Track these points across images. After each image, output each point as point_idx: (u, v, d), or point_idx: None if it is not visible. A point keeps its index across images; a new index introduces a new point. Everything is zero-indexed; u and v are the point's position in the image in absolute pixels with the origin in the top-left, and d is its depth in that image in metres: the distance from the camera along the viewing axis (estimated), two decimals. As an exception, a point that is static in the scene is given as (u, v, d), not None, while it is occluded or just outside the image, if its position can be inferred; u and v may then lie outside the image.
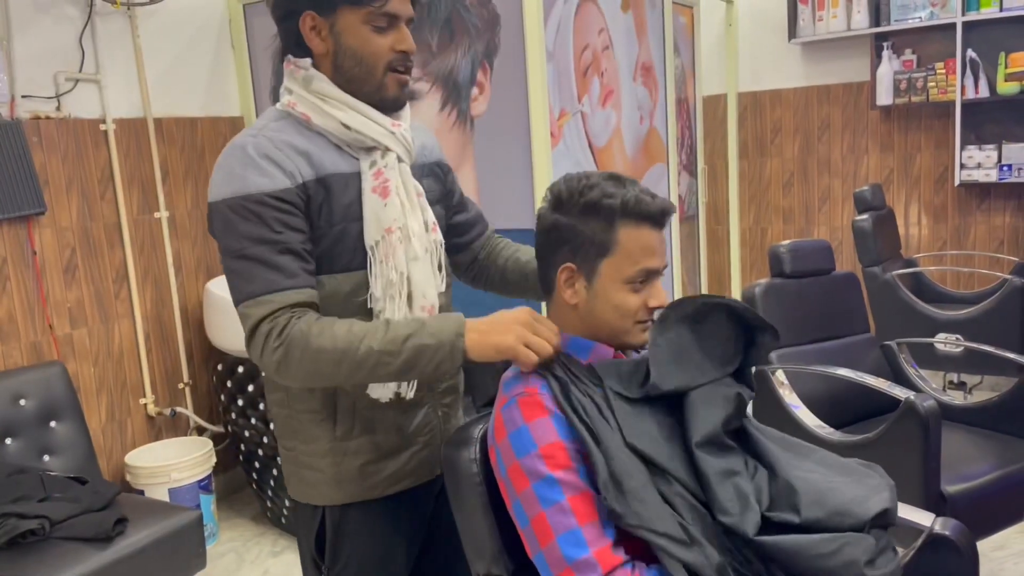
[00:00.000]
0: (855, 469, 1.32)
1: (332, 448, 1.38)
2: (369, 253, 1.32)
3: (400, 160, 1.35)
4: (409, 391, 1.38)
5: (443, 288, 1.43)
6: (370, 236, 1.32)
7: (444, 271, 1.43)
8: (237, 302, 1.26)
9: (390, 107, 1.35)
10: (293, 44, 1.34)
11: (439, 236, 1.42)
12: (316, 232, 1.29)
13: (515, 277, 1.60)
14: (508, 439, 1.20)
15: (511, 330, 1.22)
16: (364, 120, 1.31)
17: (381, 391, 1.36)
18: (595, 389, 1.23)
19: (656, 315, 1.29)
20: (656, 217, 1.25)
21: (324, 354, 1.21)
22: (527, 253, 1.61)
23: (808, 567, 1.14)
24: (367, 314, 1.34)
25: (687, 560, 1.10)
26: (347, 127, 1.30)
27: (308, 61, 1.32)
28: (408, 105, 1.41)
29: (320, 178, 1.29)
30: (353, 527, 1.41)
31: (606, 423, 1.19)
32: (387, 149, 1.33)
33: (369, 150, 1.33)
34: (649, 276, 1.26)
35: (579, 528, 1.13)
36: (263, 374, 1.45)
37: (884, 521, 1.21)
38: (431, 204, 1.44)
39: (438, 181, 1.51)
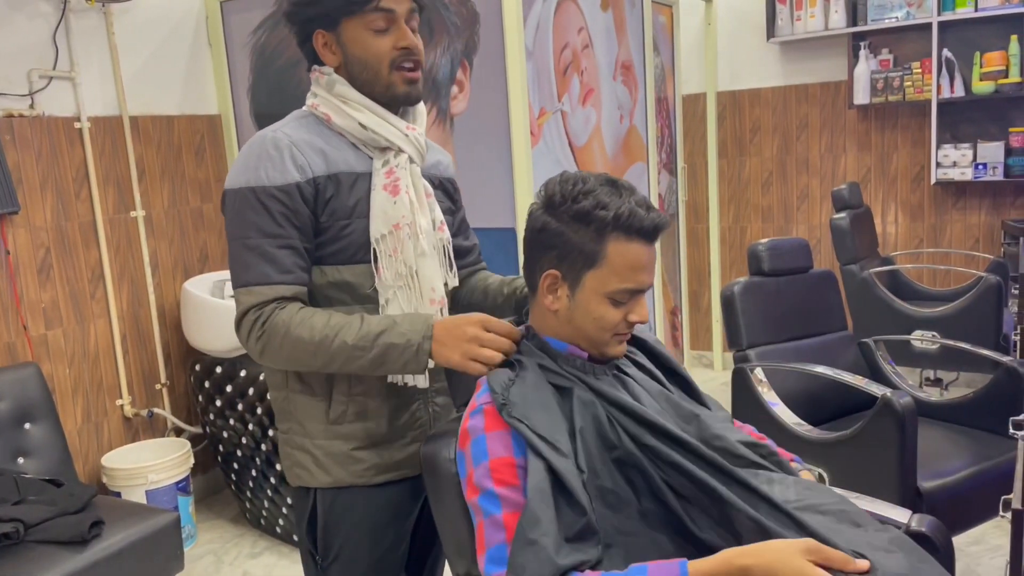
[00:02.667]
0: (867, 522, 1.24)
1: (324, 430, 1.43)
2: (374, 245, 1.38)
3: (411, 161, 1.42)
4: (410, 379, 1.43)
5: (456, 283, 1.50)
6: (376, 230, 1.37)
7: (454, 267, 1.50)
8: (234, 286, 1.35)
9: (402, 103, 1.42)
10: (315, 62, 1.44)
11: (446, 234, 1.48)
12: (322, 224, 1.36)
13: (478, 298, 1.63)
14: (469, 446, 1.21)
15: (458, 347, 1.29)
16: (380, 121, 1.39)
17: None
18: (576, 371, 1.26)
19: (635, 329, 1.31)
20: (649, 233, 1.24)
21: (301, 343, 1.30)
22: (494, 279, 1.64)
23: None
24: (373, 303, 1.40)
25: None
26: (364, 127, 1.38)
27: (330, 68, 1.42)
28: (423, 110, 1.49)
29: (332, 174, 1.36)
30: (342, 514, 1.44)
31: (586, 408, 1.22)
32: (400, 150, 1.41)
33: (383, 150, 1.41)
34: (634, 294, 1.26)
35: (506, 544, 1.13)
36: (242, 374, 1.48)
37: None
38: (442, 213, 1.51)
39: (447, 195, 1.59)
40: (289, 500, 1.32)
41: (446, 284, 1.48)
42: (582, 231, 1.23)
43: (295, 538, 1.50)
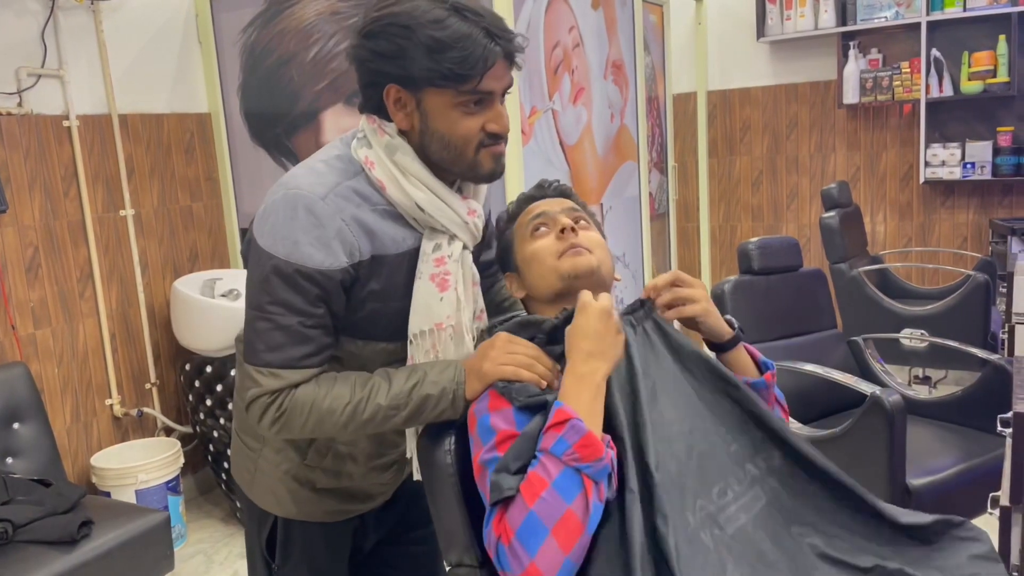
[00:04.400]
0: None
1: (297, 468, 1.38)
2: (411, 338, 1.27)
3: (465, 247, 1.29)
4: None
5: None
6: (416, 324, 1.26)
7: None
8: (251, 361, 1.21)
9: (484, 182, 1.29)
10: (376, 110, 1.25)
11: (484, 323, 1.36)
12: (352, 302, 1.24)
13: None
14: (476, 429, 1.21)
15: (487, 355, 1.21)
16: (440, 205, 1.24)
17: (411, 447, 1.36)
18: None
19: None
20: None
21: (331, 416, 1.21)
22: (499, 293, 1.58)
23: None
24: None
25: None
26: (421, 209, 1.23)
27: (394, 127, 1.23)
28: (487, 187, 1.35)
29: (377, 256, 1.22)
30: (305, 537, 1.43)
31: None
32: (454, 236, 1.26)
33: (435, 230, 1.26)
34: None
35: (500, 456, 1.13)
36: (232, 373, 1.45)
37: None
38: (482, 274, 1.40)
39: (483, 244, 1.43)
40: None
41: None
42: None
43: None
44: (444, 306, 1.25)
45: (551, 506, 1.04)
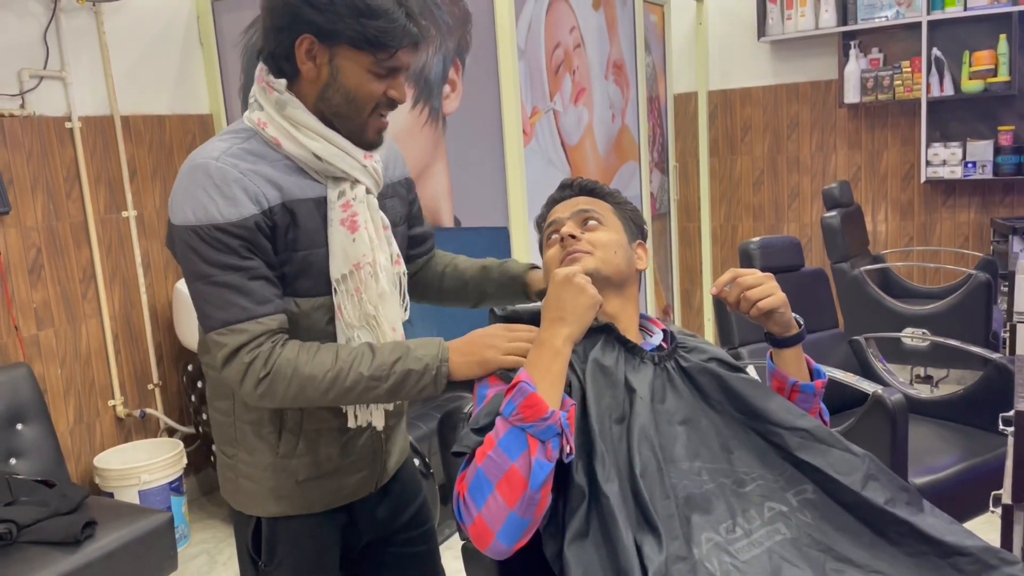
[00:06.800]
0: None
1: (273, 464, 1.38)
2: (335, 284, 1.31)
3: (368, 192, 1.34)
4: (365, 420, 1.40)
5: (406, 317, 1.44)
6: (336, 269, 1.31)
7: (407, 300, 1.44)
8: (209, 328, 1.24)
9: (365, 148, 1.33)
10: (281, 57, 1.27)
11: (403, 267, 1.42)
12: (280, 257, 1.28)
13: (452, 284, 1.62)
14: (475, 401, 1.26)
15: (493, 344, 1.26)
16: (337, 152, 1.29)
17: (363, 417, 1.38)
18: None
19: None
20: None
21: (313, 382, 1.23)
22: (465, 261, 1.64)
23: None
24: (330, 338, 1.33)
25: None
26: (319, 158, 1.28)
27: (283, 83, 1.28)
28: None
29: (286, 203, 1.27)
30: (289, 535, 1.42)
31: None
32: (356, 181, 1.32)
33: (337, 179, 1.31)
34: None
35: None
36: (207, 378, 1.44)
37: None
38: (395, 225, 1.45)
39: (402, 201, 1.51)
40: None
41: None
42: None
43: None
44: (358, 246, 1.30)
45: (496, 463, 1.10)
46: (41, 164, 2.92)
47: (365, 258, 1.31)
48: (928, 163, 4.31)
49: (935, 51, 4.19)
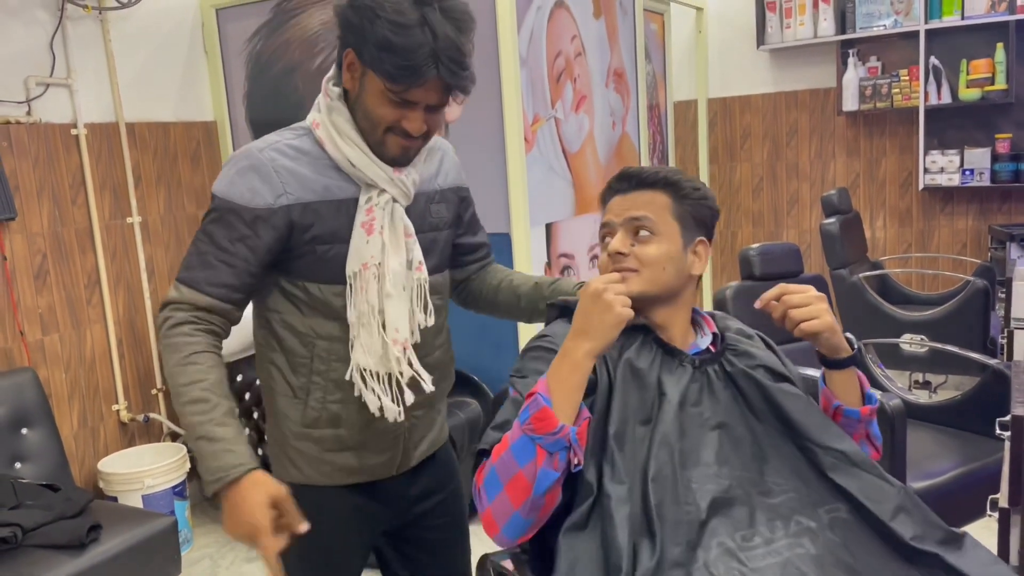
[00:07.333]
0: None
1: (298, 432, 1.46)
2: (348, 279, 1.40)
3: (394, 200, 1.41)
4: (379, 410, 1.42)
5: (429, 323, 1.46)
6: (349, 267, 1.39)
7: (429, 307, 1.46)
8: (178, 274, 1.39)
9: (386, 163, 1.39)
10: (338, 65, 1.39)
11: (424, 274, 1.45)
12: (300, 249, 1.38)
13: (507, 298, 1.64)
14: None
15: (251, 522, 1.25)
16: (368, 162, 1.37)
17: (373, 405, 1.41)
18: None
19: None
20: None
21: (172, 378, 1.33)
22: (520, 276, 1.66)
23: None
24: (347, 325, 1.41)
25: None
26: (352, 163, 1.37)
27: (337, 91, 1.39)
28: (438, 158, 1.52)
29: (309, 203, 1.36)
30: (309, 509, 1.41)
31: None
32: (383, 190, 1.39)
33: (368, 185, 1.40)
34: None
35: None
36: (239, 378, 1.48)
37: None
38: (438, 229, 1.51)
39: (449, 207, 1.56)
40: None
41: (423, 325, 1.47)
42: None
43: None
44: (370, 247, 1.38)
45: (507, 465, 1.15)
46: (47, 171, 2.95)
47: (373, 259, 1.38)
48: (926, 170, 4.34)
49: (933, 59, 4.22)
